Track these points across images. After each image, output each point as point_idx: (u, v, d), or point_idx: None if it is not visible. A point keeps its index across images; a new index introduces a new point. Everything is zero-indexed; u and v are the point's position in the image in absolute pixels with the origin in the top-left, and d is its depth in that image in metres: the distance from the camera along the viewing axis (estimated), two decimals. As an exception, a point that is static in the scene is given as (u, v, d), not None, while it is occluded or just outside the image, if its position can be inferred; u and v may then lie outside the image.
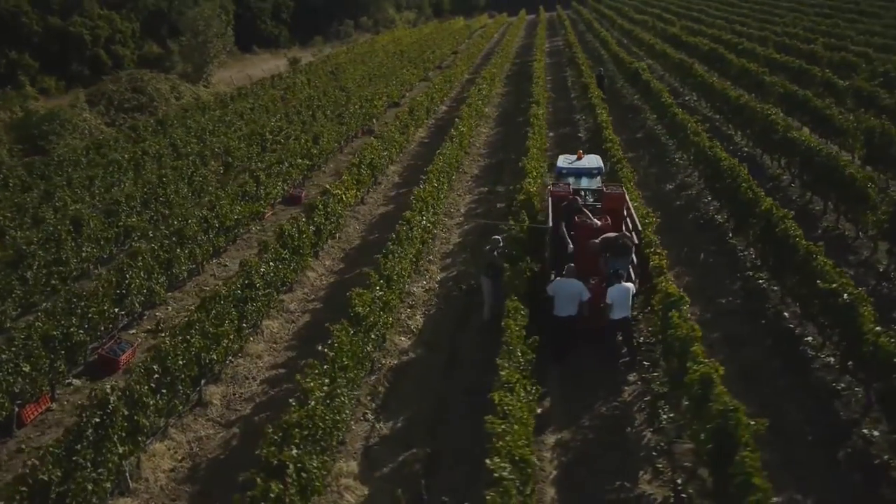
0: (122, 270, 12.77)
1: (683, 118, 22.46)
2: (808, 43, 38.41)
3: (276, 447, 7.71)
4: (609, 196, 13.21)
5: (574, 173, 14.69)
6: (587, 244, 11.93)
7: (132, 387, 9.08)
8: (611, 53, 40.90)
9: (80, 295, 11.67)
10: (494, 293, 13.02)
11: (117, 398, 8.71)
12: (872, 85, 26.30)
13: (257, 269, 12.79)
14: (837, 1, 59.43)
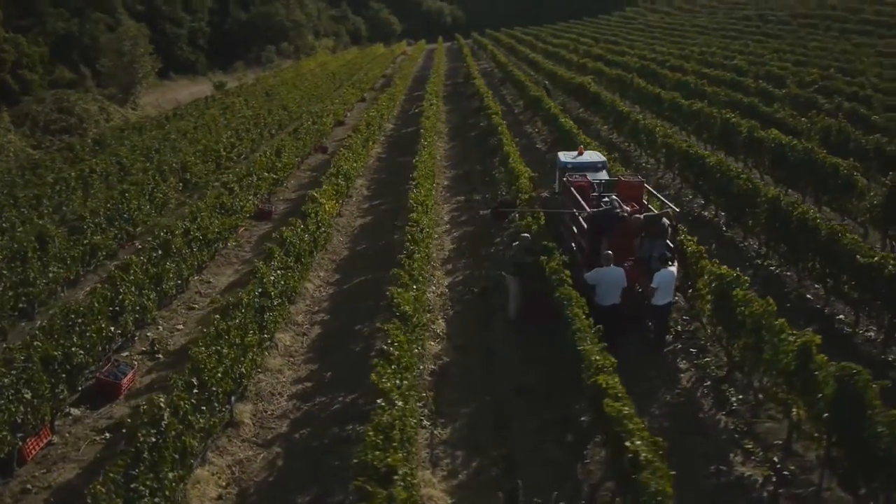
0: (115, 284, 11.35)
1: (648, 123, 22.88)
2: (728, 59, 40.63)
3: (381, 451, 6.79)
4: (629, 185, 13.04)
5: (580, 167, 14.54)
6: (632, 218, 11.61)
7: (177, 403, 7.85)
8: (545, 72, 41.65)
9: (78, 311, 10.22)
10: (521, 292, 12.55)
11: (170, 414, 7.49)
12: (809, 92, 27.88)
13: (268, 278, 11.67)
14: (740, 24, 63.67)
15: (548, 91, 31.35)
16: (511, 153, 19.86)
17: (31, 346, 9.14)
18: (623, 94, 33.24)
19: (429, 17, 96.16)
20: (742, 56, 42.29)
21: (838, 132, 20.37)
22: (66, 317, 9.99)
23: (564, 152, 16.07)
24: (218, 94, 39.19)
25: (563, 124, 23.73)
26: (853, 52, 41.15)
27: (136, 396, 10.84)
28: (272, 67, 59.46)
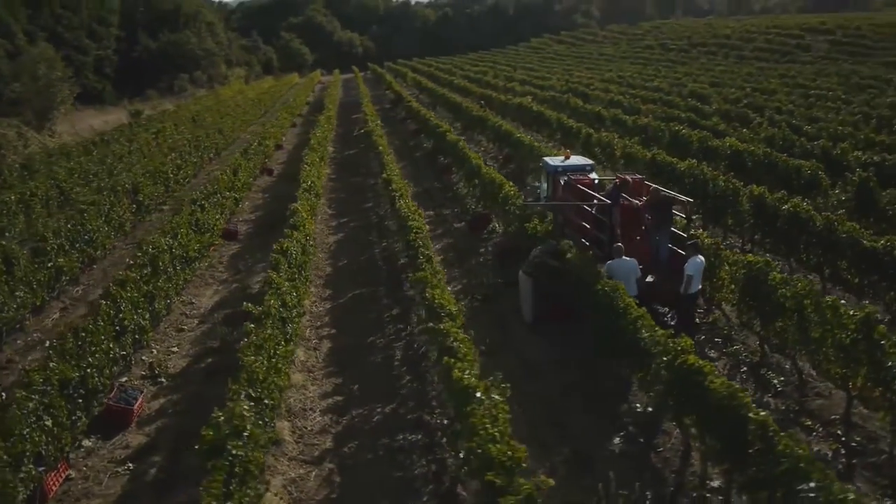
0: (116, 301, 10.30)
1: (603, 137, 23.49)
2: (648, 82, 42.70)
3: (499, 444, 6.35)
4: (637, 182, 13.26)
5: (570, 170, 14.82)
6: (652, 196, 11.87)
7: (238, 420, 7.07)
8: (477, 95, 42.24)
9: (87, 329, 9.16)
10: (536, 294, 12.35)
11: (238, 426, 6.71)
12: (739, 107, 29.57)
13: (279, 288, 10.93)
14: (645, 53, 67.29)
15: (484, 110, 31.71)
16: (480, 166, 19.82)
17: (48, 368, 8.06)
18: (561, 113, 34.08)
19: (340, 48, 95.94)
20: (659, 79, 44.54)
21: (783, 139, 21.60)
22: (77, 336, 8.91)
23: (549, 158, 16.22)
24: (139, 122, 37.25)
25: (521, 139, 24.00)
26: (757, 75, 44.19)
27: (147, 423, 9.81)
28: (186, 96, 57.34)
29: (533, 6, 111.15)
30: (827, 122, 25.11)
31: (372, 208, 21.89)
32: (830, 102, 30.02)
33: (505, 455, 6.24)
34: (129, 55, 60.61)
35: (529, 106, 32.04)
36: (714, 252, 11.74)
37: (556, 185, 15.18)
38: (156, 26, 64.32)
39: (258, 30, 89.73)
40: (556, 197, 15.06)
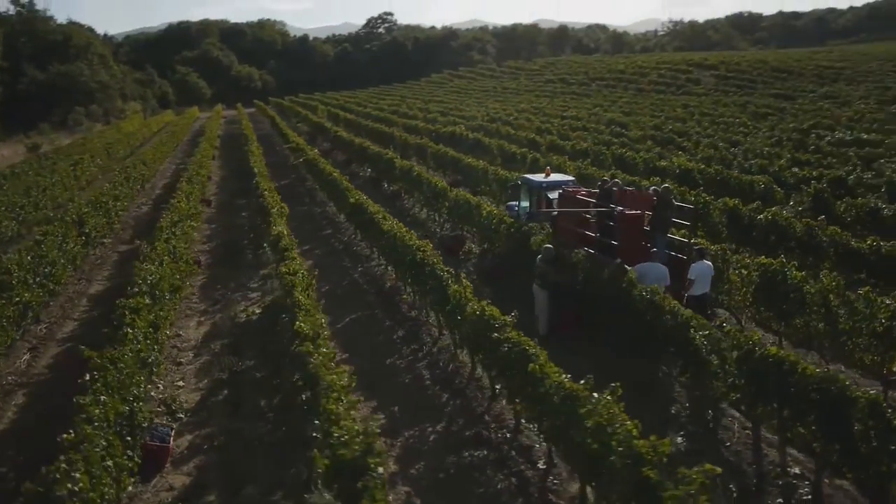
0: (134, 329, 9.42)
1: (557, 160, 24.19)
2: (562, 113, 44.47)
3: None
4: (634, 194, 13.80)
5: (553, 186, 15.47)
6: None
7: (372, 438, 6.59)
8: (401, 126, 42.39)
9: (124, 359, 8.29)
10: (550, 305, 12.41)
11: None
12: (665, 132, 31.29)
13: (308, 309, 10.39)
14: (547, 87, 70.17)
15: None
16: (447, 188, 19.87)
17: (105, 404, 7.21)
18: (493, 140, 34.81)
19: (239, 82, 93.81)
20: (573, 109, 46.53)
21: (721, 159, 23.06)
22: (116, 365, 8.04)
23: (530, 175, 16.68)
24: (46, 155, 34.68)
25: (472, 163, 24.27)
26: (661, 105, 47.10)
27: (183, 462, 8.95)
28: (82, 130, 53.96)
29: (430, 43, 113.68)
30: (748, 144, 27.06)
31: (333, 235, 21.33)
32: (742, 128, 32.38)
33: (651, 449, 6.16)
34: (15, 87, 56.45)
35: (464, 134, 32.50)
36: (721, 258, 12.27)
37: (540, 201, 15.62)
38: (43, 58, 60.39)
39: (150, 63, 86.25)
40: (541, 208, 15.52)
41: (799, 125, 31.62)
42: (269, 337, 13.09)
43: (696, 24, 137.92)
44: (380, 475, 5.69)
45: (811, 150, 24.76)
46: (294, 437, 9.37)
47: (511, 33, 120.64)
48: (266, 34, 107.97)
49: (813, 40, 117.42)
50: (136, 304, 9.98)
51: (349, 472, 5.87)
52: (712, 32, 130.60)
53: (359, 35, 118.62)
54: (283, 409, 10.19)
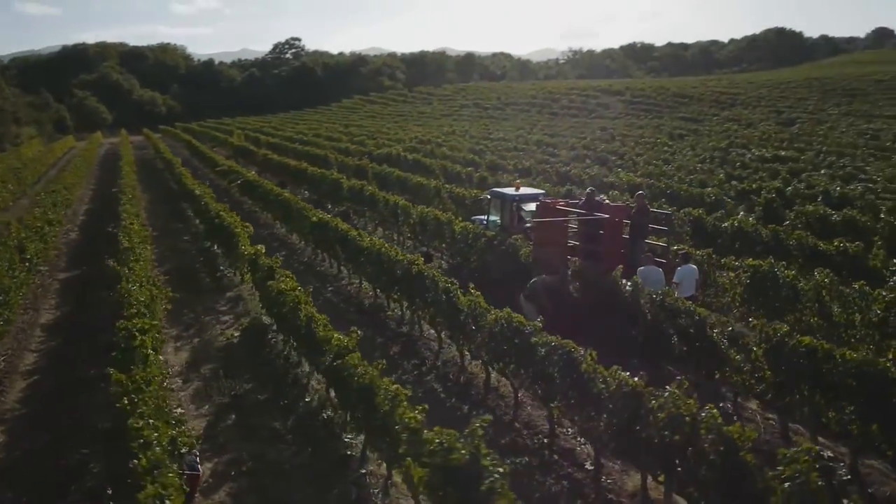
0: (157, 351, 8.78)
1: (509, 178, 24.58)
2: (490, 135, 45.35)
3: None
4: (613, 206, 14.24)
5: (526, 199, 15.87)
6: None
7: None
8: (329, 147, 41.90)
9: (153, 381, 7.70)
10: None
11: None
12: (599, 152, 32.47)
13: (326, 325, 10.05)
14: (463, 111, 71.35)
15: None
16: (409, 206, 19.78)
17: (153, 426, 6.66)
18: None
19: (141, 107, 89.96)
20: (497, 132, 47.55)
21: (661, 174, 24.18)
22: (149, 387, 7.46)
23: (498, 189, 17.19)
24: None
25: (423, 182, 24.30)
26: (580, 128, 48.98)
27: (213, 490, 8.37)
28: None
29: (340, 68, 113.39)
30: (678, 161, 28.54)
31: (290, 256, 20.63)
32: (666, 147, 34.13)
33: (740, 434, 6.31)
34: None
35: (402, 154, 32.50)
36: (707, 262, 12.83)
37: (512, 214, 15.89)
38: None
39: (44, 86, 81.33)
40: (514, 224, 15.77)
41: (717, 144, 33.67)
42: (257, 359, 12.54)
43: (594, 53, 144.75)
44: (502, 475, 5.52)
45: (738, 166, 26.42)
46: (324, 457, 8.98)
47: (420, 60, 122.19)
48: (169, 58, 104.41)
49: (700, 69, 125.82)
50: (145, 324, 9.29)
51: (463, 477, 5.66)
52: (609, 61, 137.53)
53: (266, 60, 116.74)
54: (301, 430, 9.76)
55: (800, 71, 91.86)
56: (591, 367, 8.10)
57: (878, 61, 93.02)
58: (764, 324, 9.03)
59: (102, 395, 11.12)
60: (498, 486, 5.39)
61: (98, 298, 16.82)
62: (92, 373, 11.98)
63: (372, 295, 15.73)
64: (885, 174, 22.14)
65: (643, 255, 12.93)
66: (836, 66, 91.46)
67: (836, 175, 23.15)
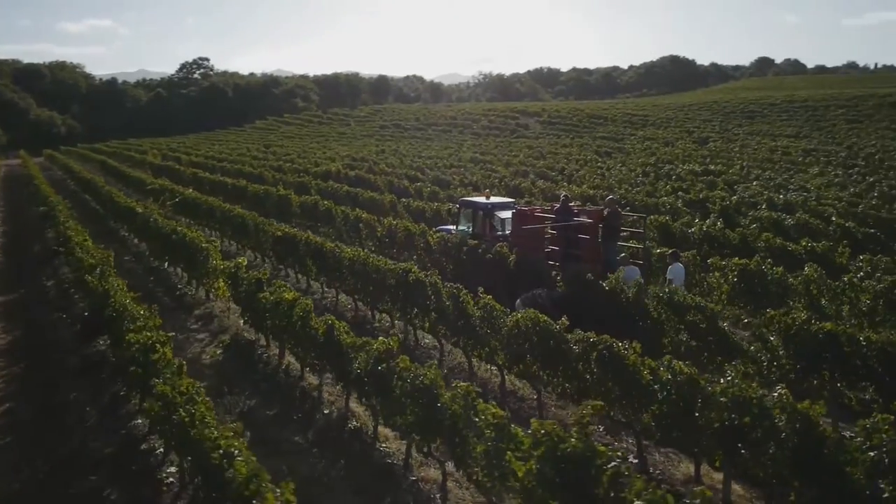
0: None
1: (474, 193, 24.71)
2: (420, 155, 45.52)
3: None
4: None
5: (499, 207, 16.43)
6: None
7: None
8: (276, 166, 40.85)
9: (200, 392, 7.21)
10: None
11: None
12: (538, 168, 33.18)
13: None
14: (384, 132, 71.34)
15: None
16: (379, 221, 19.56)
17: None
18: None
19: (39, 127, 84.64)
20: (427, 150, 47.85)
21: (607, 187, 25.02)
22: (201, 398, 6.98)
23: (469, 198, 17.92)
24: None
25: (375, 197, 24.09)
26: (507, 147, 50.04)
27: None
28: None
29: (251, 89, 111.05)
30: (616, 175, 29.66)
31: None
32: (599, 163, 35.40)
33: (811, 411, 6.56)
34: None
35: (342, 172, 32.12)
36: (694, 262, 13.36)
37: (484, 223, 16.16)
38: None
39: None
40: (488, 231, 16.06)
41: (647, 160, 35.24)
42: (254, 374, 11.96)
43: (503, 76, 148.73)
44: (623, 459, 5.49)
45: (675, 179, 27.75)
46: (362, 468, 8.64)
47: (333, 81, 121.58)
48: (67, 76, 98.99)
49: (604, 93, 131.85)
50: (161, 337, 8.70)
51: (578, 465, 5.59)
52: (519, 85, 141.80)
53: (173, 80, 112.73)
54: (327, 443, 9.36)
55: (697, 95, 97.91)
56: (637, 359, 8.23)
57: (764, 87, 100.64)
58: (781, 313, 9.46)
59: (93, 417, 10.38)
60: (623, 469, 5.36)
61: (50, 320, 15.67)
62: (73, 396, 11.11)
63: (352, 307, 15.38)
64: (814, 183, 23.91)
65: (623, 255, 13.51)
66: (728, 91, 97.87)
67: (767, 186, 24.75)
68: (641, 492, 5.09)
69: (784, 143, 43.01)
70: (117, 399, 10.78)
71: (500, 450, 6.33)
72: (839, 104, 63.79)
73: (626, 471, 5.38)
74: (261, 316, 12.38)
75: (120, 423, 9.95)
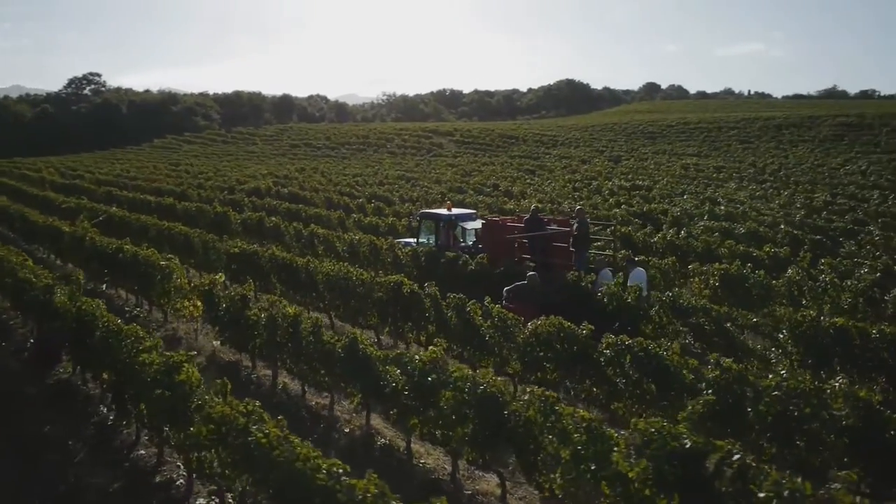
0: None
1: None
2: (343, 172, 44.85)
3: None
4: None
5: (463, 218, 16.79)
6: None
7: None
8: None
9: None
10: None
11: None
12: (474, 185, 33.42)
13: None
14: (295, 150, 69.87)
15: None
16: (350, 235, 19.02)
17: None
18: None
19: None
20: (349, 169, 47.27)
21: (550, 200, 25.55)
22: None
23: (429, 210, 18.39)
24: None
25: (321, 213, 23.50)
26: (427, 165, 50.22)
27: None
28: None
29: (148, 107, 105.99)
30: (549, 190, 30.38)
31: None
32: (529, 180, 36.16)
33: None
34: None
35: (273, 189, 31.13)
36: (673, 269, 13.82)
37: (448, 234, 16.32)
38: None
39: None
40: (452, 243, 16.28)
41: (572, 177, 36.36)
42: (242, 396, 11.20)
43: (407, 97, 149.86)
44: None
45: (607, 193, 28.76)
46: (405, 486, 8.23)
47: (236, 100, 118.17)
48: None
49: (506, 115, 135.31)
50: (181, 356, 8.00)
51: (691, 458, 5.55)
52: (423, 105, 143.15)
53: (61, 96, 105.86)
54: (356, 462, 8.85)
55: (595, 117, 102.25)
56: (679, 359, 8.36)
57: (654, 110, 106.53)
58: (790, 311, 9.91)
59: (81, 450, 9.37)
60: (749, 461, 5.37)
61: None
62: (48, 430, 10.00)
63: (328, 324, 14.81)
64: (739, 196, 25.44)
65: (601, 258, 14.00)
66: (623, 114, 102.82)
67: (698, 199, 26.11)
68: (777, 482, 5.11)
69: (693, 161, 45.63)
70: (104, 429, 9.83)
71: (598, 452, 6.19)
72: (730, 126, 68.52)
73: (753, 462, 5.39)
74: (246, 335, 11.69)
75: (118, 455, 9.06)
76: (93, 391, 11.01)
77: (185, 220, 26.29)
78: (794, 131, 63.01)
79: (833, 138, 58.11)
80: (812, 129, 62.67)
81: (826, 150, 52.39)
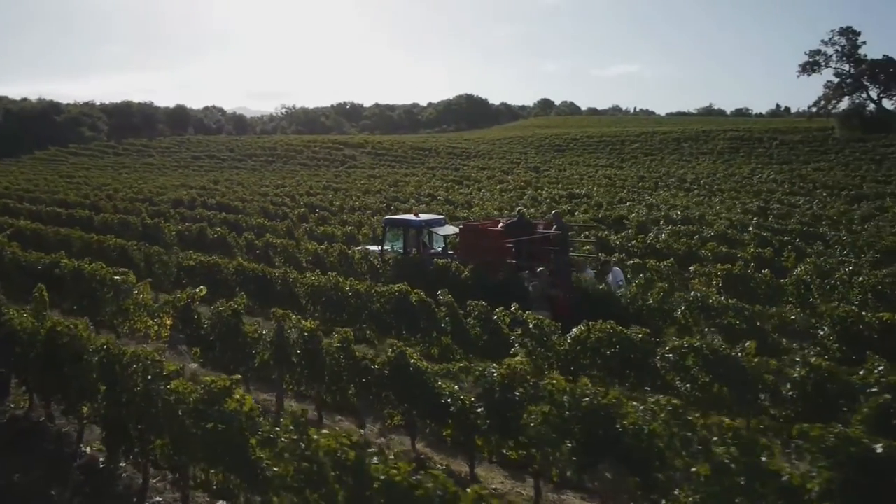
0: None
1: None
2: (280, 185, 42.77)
3: None
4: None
5: (433, 224, 16.41)
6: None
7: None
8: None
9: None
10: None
11: None
12: (446, 194, 32.52)
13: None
14: (209, 161, 66.33)
15: None
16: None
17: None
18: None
19: None
20: (266, 180, 45.15)
21: (501, 207, 25.13)
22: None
23: (394, 217, 17.85)
24: None
25: (266, 224, 21.94)
26: (351, 176, 48.86)
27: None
28: None
29: (27, 116, 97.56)
30: (488, 200, 30.04)
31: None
32: (462, 190, 35.73)
33: None
34: None
35: (199, 199, 29.01)
36: (671, 272, 13.60)
37: (417, 240, 15.82)
38: None
39: None
40: (421, 249, 15.83)
41: (506, 187, 36.27)
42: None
43: (308, 110, 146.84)
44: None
45: (550, 201, 28.76)
46: None
47: (125, 109, 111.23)
48: None
49: (407, 128, 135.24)
50: (226, 381, 6.73)
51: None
52: (324, 118, 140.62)
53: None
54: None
55: (497, 131, 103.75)
56: (755, 360, 7.96)
57: (552, 125, 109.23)
58: (832, 308, 9.78)
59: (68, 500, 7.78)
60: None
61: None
62: (18, 477, 8.31)
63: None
64: (683, 203, 26.05)
65: (606, 260, 13.91)
66: (523, 128, 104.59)
67: (640, 205, 26.52)
68: None
69: (611, 171, 46.85)
70: (92, 473, 8.25)
71: (750, 464, 5.56)
72: (632, 139, 71.25)
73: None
74: (241, 355, 10.34)
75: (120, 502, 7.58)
76: (64, 428, 9.33)
77: (107, 233, 23.94)
78: (692, 144, 66.27)
79: (730, 150, 61.58)
80: (709, 143, 66.18)
81: (726, 161, 55.35)
